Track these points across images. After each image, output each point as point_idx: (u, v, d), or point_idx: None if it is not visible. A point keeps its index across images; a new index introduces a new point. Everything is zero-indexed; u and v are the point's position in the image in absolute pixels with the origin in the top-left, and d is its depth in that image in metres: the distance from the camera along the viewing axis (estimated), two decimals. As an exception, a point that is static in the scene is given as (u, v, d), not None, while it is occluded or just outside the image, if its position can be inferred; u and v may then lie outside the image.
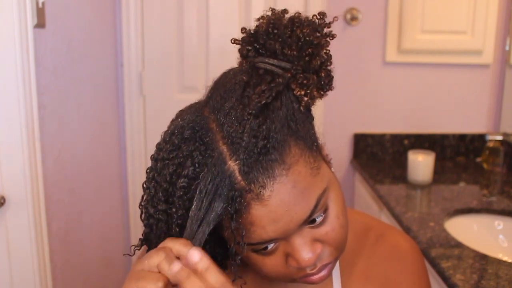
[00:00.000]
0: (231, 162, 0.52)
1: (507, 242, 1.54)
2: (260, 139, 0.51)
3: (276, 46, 0.54)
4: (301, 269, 0.57)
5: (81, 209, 1.75)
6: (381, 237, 0.72)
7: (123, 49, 2.10)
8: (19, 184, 1.31)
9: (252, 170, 0.51)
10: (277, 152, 0.52)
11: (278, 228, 0.53)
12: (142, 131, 2.17)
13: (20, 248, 1.34)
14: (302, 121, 0.56)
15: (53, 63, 1.51)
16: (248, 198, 0.52)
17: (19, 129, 1.28)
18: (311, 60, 0.54)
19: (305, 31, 0.54)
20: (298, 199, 0.53)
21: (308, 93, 0.54)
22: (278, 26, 0.55)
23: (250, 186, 0.51)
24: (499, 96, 2.18)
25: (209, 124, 0.54)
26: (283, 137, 0.53)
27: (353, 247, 0.72)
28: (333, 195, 0.57)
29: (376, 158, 2.21)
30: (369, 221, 0.75)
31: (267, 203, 0.52)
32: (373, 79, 2.17)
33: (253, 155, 0.51)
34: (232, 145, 0.52)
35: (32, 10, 1.31)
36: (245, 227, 0.53)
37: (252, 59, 0.56)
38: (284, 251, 0.56)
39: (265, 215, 0.52)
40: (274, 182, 0.52)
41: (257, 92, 0.53)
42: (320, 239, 0.57)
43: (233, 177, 0.51)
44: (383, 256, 0.70)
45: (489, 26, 2.09)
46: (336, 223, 0.57)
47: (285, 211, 0.52)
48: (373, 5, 2.10)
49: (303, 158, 0.54)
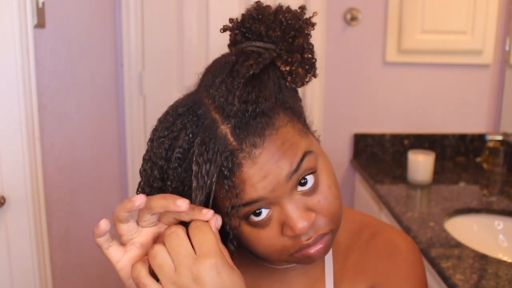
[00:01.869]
0: (223, 126, 0.55)
1: (507, 242, 1.54)
2: (250, 104, 0.55)
3: (261, 28, 0.59)
4: (296, 238, 0.58)
5: (81, 209, 1.75)
6: (377, 234, 0.72)
7: (123, 49, 2.10)
8: (19, 184, 1.31)
9: (243, 131, 0.54)
10: (266, 116, 0.55)
11: (267, 183, 0.55)
12: (142, 131, 2.17)
13: (20, 248, 1.34)
14: (289, 95, 0.60)
15: (53, 63, 1.51)
16: (240, 157, 0.54)
17: (19, 129, 1.28)
18: (294, 41, 0.59)
19: (287, 15, 0.59)
20: (287, 153, 0.55)
21: (293, 70, 0.59)
22: (263, 12, 0.60)
23: (241, 146, 0.54)
24: (499, 96, 2.18)
25: (202, 100, 0.57)
26: (272, 104, 0.56)
27: (347, 243, 0.72)
28: (323, 165, 0.60)
29: (376, 158, 2.21)
30: (367, 219, 0.75)
31: (257, 161, 0.54)
32: (373, 79, 2.17)
33: (243, 118, 0.54)
34: (224, 111, 0.55)
35: (32, 10, 1.31)
36: (238, 187, 0.55)
37: (239, 45, 0.61)
38: (279, 220, 0.57)
39: (255, 173, 0.54)
40: (264, 141, 0.55)
41: (245, 65, 0.57)
42: (313, 208, 0.58)
43: (225, 139, 0.54)
44: (376, 251, 0.70)
45: (489, 26, 2.09)
46: (328, 193, 0.59)
47: (274, 165, 0.55)
48: (373, 5, 2.10)
49: (291, 123, 0.58)
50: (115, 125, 2.14)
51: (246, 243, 0.61)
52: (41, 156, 1.37)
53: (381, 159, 2.21)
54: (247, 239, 0.60)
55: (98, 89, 1.94)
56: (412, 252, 0.72)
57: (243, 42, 0.61)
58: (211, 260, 0.51)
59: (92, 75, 1.86)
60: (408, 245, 0.72)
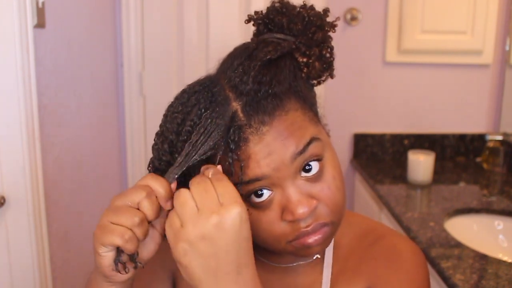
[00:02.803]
0: (235, 103, 0.56)
1: (507, 242, 1.54)
2: (263, 85, 0.56)
3: (283, 20, 0.61)
4: (295, 224, 0.58)
5: (81, 209, 1.75)
6: (380, 238, 0.71)
7: (123, 49, 2.10)
8: (19, 184, 1.31)
9: (253, 109, 0.56)
10: (278, 98, 0.57)
11: (271, 161, 0.56)
12: (142, 131, 2.17)
13: (20, 248, 1.34)
14: (304, 86, 0.61)
15: (53, 63, 1.51)
16: (247, 132, 0.56)
17: (19, 129, 1.28)
18: (314, 36, 0.61)
19: (311, 12, 0.62)
20: (294, 134, 0.57)
21: (310, 63, 0.60)
22: (287, 6, 0.62)
23: (250, 122, 0.56)
24: (499, 96, 2.18)
25: (218, 80, 0.59)
26: (285, 89, 0.58)
27: (349, 246, 0.72)
28: (329, 156, 0.60)
29: (376, 158, 2.21)
30: (372, 224, 0.74)
31: (264, 138, 0.56)
32: (373, 79, 2.17)
33: (255, 97, 0.56)
34: (237, 90, 0.57)
35: (32, 10, 1.31)
36: (242, 161, 0.56)
37: (261, 36, 0.63)
38: (280, 204, 0.58)
39: (261, 149, 0.56)
40: (273, 120, 0.56)
41: (264, 50, 0.58)
42: (316, 196, 0.58)
43: (235, 115, 0.56)
44: (377, 255, 0.69)
45: (489, 26, 2.09)
46: (332, 183, 0.59)
47: (280, 143, 0.56)
48: (373, 5, 2.10)
49: (302, 110, 0.59)
50: (115, 125, 2.14)
51: None
52: (41, 156, 1.37)
53: (381, 159, 2.21)
54: None
55: (98, 89, 1.94)
56: (414, 257, 0.70)
57: (265, 33, 0.63)
58: (237, 209, 0.51)
59: (92, 75, 1.86)
60: (411, 251, 0.70)
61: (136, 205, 0.55)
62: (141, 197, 0.54)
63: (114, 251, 0.55)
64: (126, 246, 0.53)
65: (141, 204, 0.54)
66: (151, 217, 0.55)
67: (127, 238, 0.53)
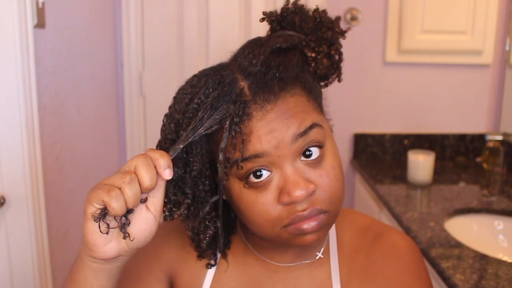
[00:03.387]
0: (242, 82, 0.58)
1: (507, 242, 1.54)
2: (271, 68, 0.58)
3: (295, 19, 0.64)
4: (292, 207, 0.58)
5: (81, 209, 1.75)
6: (380, 235, 0.72)
7: (123, 49, 2.10)
8: (19, 184, 1.31)
9: (260, 88, 0.58)
10: (284, 82, 0.59)
11: (272, 138, 0.57)
12: (142, 131, 2.17)
13: (20, 248, 1.34)
14: (310, 78, 0.63)
15: (53, 63, 1.51)
16: (252, 108, 0.57)
17: (19, 129, 1.28)
18: (324, 34, 0.63)
19: (323, 14, 0.64)
20: (297, 115, 0.58)
21: (319, 59, 0.62)
22: (301, 7, 0.65)
23: (255, 99, 0.58)
24: (499, 96, 2.18)
25: (229, 65, 0.61)
26: (292, 76, 0.60)
27: (352, 244, 0.72)
28: (330, 146, 0.62)
29: (376, 158, 2.21)
30: (369, 220, 0.75)
31: (267, 115, 0.57)
32: (373, 79, 2.17)
33: (263, 78, 0.58)
34: (246, 71, 0.59)
35: (32, 10, 1.31)
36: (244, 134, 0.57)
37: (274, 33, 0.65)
38: (278, 186, 0.58)
39: (263, 125, 0.57)
40: (277, 100, 0.58)
41: (275, 40, 0.61)
42: (314, 181, 0.59)
43: (241, 92, 0.58)
44: (382, 254, 0.70)
45: (489, 26, 2.09)
46: (331, 171, 0.60)
47: (282, 122, 0.57)
48: (373, 5, 2.10)
49: (307, 97, 0.61)
50: (115, 125, 2.14)
51: (242, 210, 0.61)
52: (41, 156, 1.37)
53: (381, 159, 2.21)
54: (244, 204, 0.60)
55: (98, 89, 1.94)
56: (416, 254, 0.72)
57: (278, 30, 0.65)
58: None
59: (92, 75, 1.86)
60: (412, 248, 0.72)
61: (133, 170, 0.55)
62: (137, 161, 0.55)
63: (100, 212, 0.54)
64: (112, 204, 0.52)
65: (137, 166, 0.54)
66: (145, 180, 0.54)
67: (114, 194, 0.52)
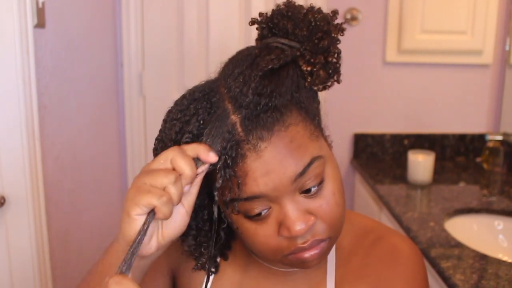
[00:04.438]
0: (234, 116, 0.55)
1: (507, 242, 1.54)
2: (263, 97, 0.54)
3: (288, 25, 0.59)
4: (292, 239, 0.57)
5: (81, 209, 1.75)
6: (380, 238, 0.71)
7: (123, 49, 2.10)
8: (19, 184, 1.31)
9: (252, 123, 0.54)
10: (278, 112, 0.55)
11: (269, 180, 0.55)
12: (142, 131, 2.17)
13: (20, 248, 1.34)
14: (306, 96, 0.59)
15: (53, 63, 1.51)
16: (245, 148, 0.54)
17: (19, 129, 1.28)
18: (320, 42, 0.58)
19: (317, 16, 0.59)
20: (293, 153, 0.55)
21: (315, 71, 0.58)
22: (293, 10, 0.59)
23: (248, 137, 0.54)
24: (499, 96, 2.18)
25: (218, 88, 0.58)
26: (286, 101, 0.56)
27: (351, 247, 0.71)
28: (330, 171, 0.59)
29: (376, 158, 2.21)
30: (372, 223, 0.74)
31: (262, 155, 0.54)
32: (373, 79, 2.17)
33: (255, 110, 0.54)
34: (237, 102, 0.55)
35: (32, 10, 1.31)
36: (239, 177, 0.55)
37: (265, 40, 0.61)
38: (277, 219, 0.57)
39: (259, 166, 0.54)
40: (272, 136, 0.55)
41: (266, 59, 0.56)
42: (314, 212, 0.57)
43: (233, 129, 0.54)
44: (379, 257, 0.69)
45: (489, 26, 2.09)
46: (331, 199, 0.58)
47: (278, 162, 0.54)
48: (373, 5, 2.10)
49: (303, 123, 0.57)
50: (115, 125, 2.14)
51: (243, 237, 0.60)
52: (41, 156, 1.37)
53: (381, 159, 2.21)
54: (244, 233, 0.60)
55: (98, 89, 1.94)
56: (416, 259, 0.70)
57: (269, 37, 0.61)
58: None
59: (92, 75, 1.86)
60: (413, 252, 0.70)
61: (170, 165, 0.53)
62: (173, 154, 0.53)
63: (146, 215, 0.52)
64: (162, 209, 0.51)
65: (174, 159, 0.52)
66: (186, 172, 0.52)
67: (165, 200, 0.51)
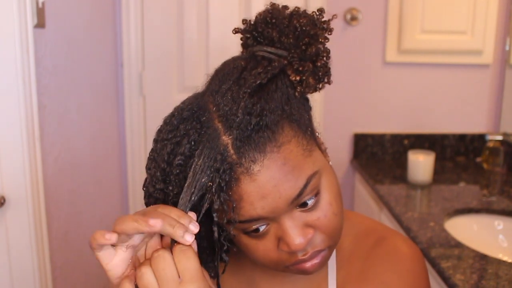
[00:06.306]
0: (225, 137, 0.53)
1: (507, 242, 1.54)
2: (254, 116, 0.53)
3: (273, 34, 0.57)
4: (292, 253, 0.57)
5: (81, 209, 1.75)
6: (382, 240, 0.70)
7: (123, 49, 2.10)
8: (19, 184, 1.31)
9: (244, 145, 0.53)
10: (269, 130, 0.54)
11: (266, 204, 0.54)
12: (142, 131, 2.17)
13: (20, 248, 1.34)
14: (297, 106, 0.57)
15: (53, 63, 1.51)
16: (238, 172, 0.53)
17: (19, 129, 1.28)
18: (307, 49, 0.56)
19: (302, 21, 0.57)
20: (288, 176, 0.54)
21: (304, 80, 0.56)
22: (277, 16, 0.57)
23: (241, 160, 0.53)
24: (499, 96, 2.18)
25: (207, 105, 0.56)
26: (277, 118, 0.54)
27: (351, 248, 0.71)
28: (326, 181, 0.58)
29: (376, 158, 2.21)
30: (372, 224, 0.73)
31: (256, 178, 0.53)
32: (373, 79, 2.17)
33: (246, 131, 0.53)
34: (227, 121, 0.53)
35: (32, 10, 1.31)
36: (234, 201, 0.54)
37: (251, 48, 0.59)
38: (276, 234, 0.57)
39: (253, 190, 0.53)
40: (264, 158, 0.53)
41: (253, 74, 0.55)
42: (312, 225, 0.57)
43: (225, 151, 0.53)
44: (380, 258, 0.68)
45: (489, 26, 2.09)
46: (328, 210, 0.58)
47: (273, 187, 0.53)
48: (373, 5, 2.10)
49: (295, 139, 0.55)
50: (115, 125, 2.14)
51: (243, 249, 0.61)
52: (41, 156, 1.37)
53: (381, 159, 2.21)
54: (244, 248, 0.60)
55: (98, 89, 1.94)
56: (417, 261, 0.70)
57: (255, 45, 0.59)
58: (194, 286, 0.51)
59: (92, 75, 1.86)
60: (414, 254, 0.70)
61: None
62: None
63: None
64: None
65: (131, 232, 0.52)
66: None
67: None
